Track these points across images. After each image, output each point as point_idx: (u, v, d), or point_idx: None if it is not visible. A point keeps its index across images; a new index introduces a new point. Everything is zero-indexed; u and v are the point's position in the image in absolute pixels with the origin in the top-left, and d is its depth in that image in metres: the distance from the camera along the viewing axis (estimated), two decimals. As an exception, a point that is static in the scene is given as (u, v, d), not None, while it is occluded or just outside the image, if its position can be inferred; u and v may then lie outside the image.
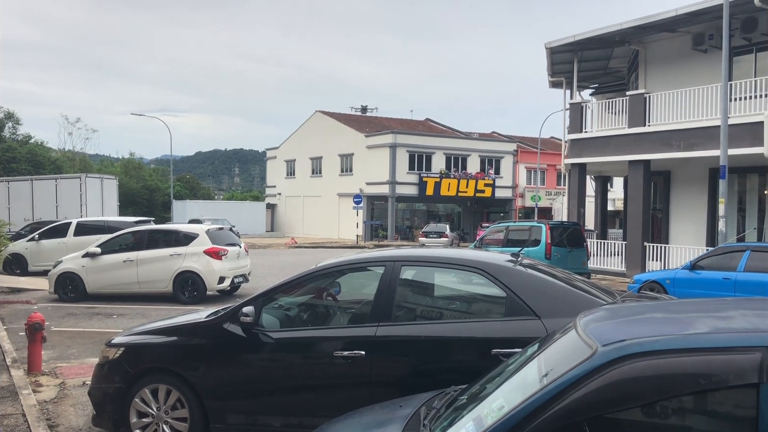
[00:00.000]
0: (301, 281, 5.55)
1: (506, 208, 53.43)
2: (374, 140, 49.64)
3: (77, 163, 60.15)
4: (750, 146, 16.25)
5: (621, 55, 23.61)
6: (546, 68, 24.03)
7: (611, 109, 21.19)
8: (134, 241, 15.51)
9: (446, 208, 54.60)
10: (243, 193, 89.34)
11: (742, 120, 16.57)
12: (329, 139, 54.30)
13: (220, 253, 15.04)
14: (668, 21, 18.53)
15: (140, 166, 68.73)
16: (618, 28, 19.70)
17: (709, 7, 16.95)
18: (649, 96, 19.31)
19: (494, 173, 52.13)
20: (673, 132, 18.35)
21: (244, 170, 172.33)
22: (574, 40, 20.95)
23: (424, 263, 5.63)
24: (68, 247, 18.78)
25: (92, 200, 31.90)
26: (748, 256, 12.22)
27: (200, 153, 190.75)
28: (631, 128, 19.57)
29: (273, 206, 62.59)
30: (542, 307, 4.82)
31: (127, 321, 12.26)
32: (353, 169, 51.91)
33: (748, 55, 18.49)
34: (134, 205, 55.41)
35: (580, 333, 2.86)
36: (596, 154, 20.94)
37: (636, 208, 19.62)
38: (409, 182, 48.24)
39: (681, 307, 3.26)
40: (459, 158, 51.07)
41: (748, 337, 2.49)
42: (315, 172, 57.25)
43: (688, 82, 18.91)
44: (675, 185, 21.01)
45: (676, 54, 20.36)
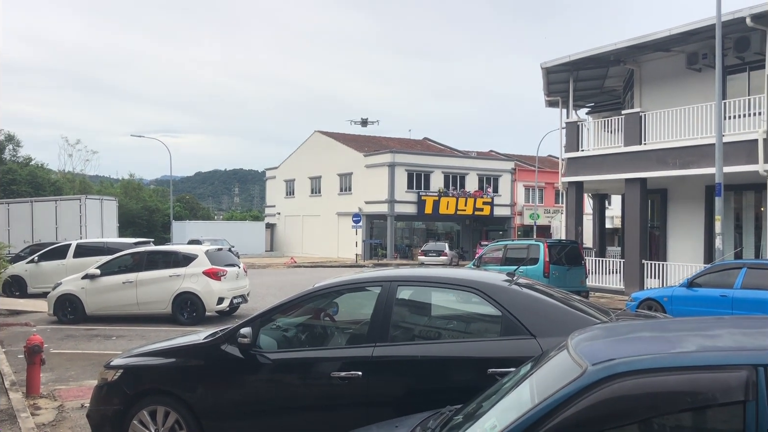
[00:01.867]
0: (298, 302, 5.60)
1: (505, 227, 53.51)
2: (373, 159, 49.83)
3: (77, 184, 60.25)
4: (745, 164, 16.37)
5: (616, 75, 23.83)
6: (542, 88, 24.22)
7: (607, 128, 21.34)
8: (134, 262, 15.55)
9: (445, 226, 54.67)
10: (242, 213, 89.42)
11: (736, 138, 16.70)
12: (328, 159, 54.50)
13: (219, 273, 15.08)
14: (662, 41, 18.73)
15: (140, 187, 68.89)
16: (613, 48, 19.91)
17: (702, 27, 17.15)
18: (644, 115, 19.46)
19: (492, 191, 52.28)
20: (668, 150, 18.47)
21: (243, 190, 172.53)
22: (570, 59, 21.15)
23: (420, 283, 5.68)
24: (68, 268, 18.80)
25: (92, 222, 31.94)
26: (745, 273, 12.26)
27: (200, 173, 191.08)
28: (627, 147, 19.70)
29: (272, 226, 62.65)
30: (537, 327, 4.86)
31: (125, 342, 12.27)
32: (352, 189, 52.05)
33: (742, 73, 18.67)
34: (134, 226, 55.44)
35: (572, 352, 2.91)
36: (593, 172, 21.05)
37: (633, 226, 19.69)
38: (408, 201, 48.36)
39: (670, 326, 3.31)
40: (457, 177, 51.25)
41: (735, 355, 2.54)
42: (314, 191, 57.40)
43: (683, 100, 19.07)
44: (672, 203, 21.11)
45: (670, 73, 20.55)
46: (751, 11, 15.94)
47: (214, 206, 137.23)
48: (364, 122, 68.90)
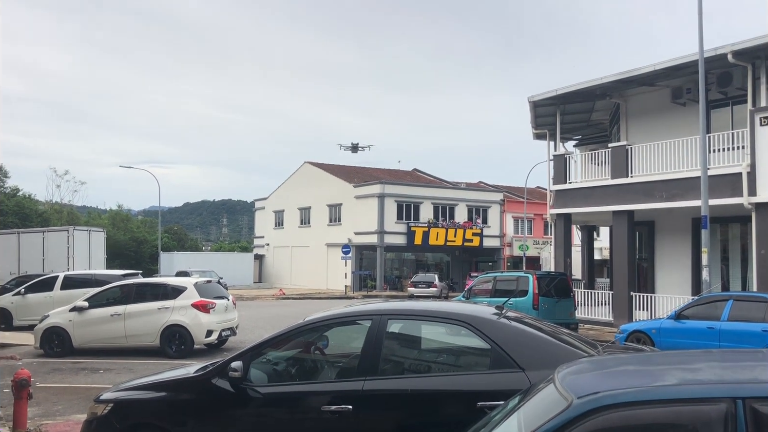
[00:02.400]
0: (288, 336, 5.64)
1: (494, 258, 53.66)
2: (362, 190, 50.04)
3: (65, 215, 59.95)
4: (730, 196, 16.61)
5: (603, 108, 24.20)
6: (530, 121, 24.54)
7: (594, 160, 21.61)
8: (122, 294, 15.48)
9: (435, 257, 54.76)
10: (231, 244, 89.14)
11: (721, 171, 16.96)
12: (318, 190, 54.67)
13: (208, 306, 15.03)
14: (647, 75, 19.09)
15: (128, 218, 68.67)
16: (599, 83, 20.25)
17: (685, 63, 17.51)
18: (630, 148, 19.74)
19: (482, 222, 52.54)
20: (655, 183, 18.71)
21: (232, 221, 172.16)
22: (556, 93, 21.48)
23: (410, 316, 5.74)
24: (55, 301, 18.68)
25: (79, 253, 31.79)
26: (731, 305, 12.38)
27: (188, 204, 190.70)
28: (614, 179, 19.94)
29: (261, 257, 62.48)
30: (526, 360, 4.92)
31: (113, 376, 12.17)
32: (342, 219, 52.15)
33: (725, 108, 19.03)
34: (122, 258, 55.12)
35: (558, 385, 2.97)
36: (581, 204, 21.26)
37: (621, 257, 19.84)
38: (398, 232, 48.49)
39: (655, 360, 3.39)
40: (447, 208, 51.51)
41: (715, 388, 2.62)
42: (303, 222, 57.43)
43: (669, 134, 19.38)
44: (659, 235, 21.31)
45: (656, 107, 20.91)
46: (732, 48, 16.32)
47: (202, 237, 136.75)
48: (354, 147, 68.60)
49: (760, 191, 16.00)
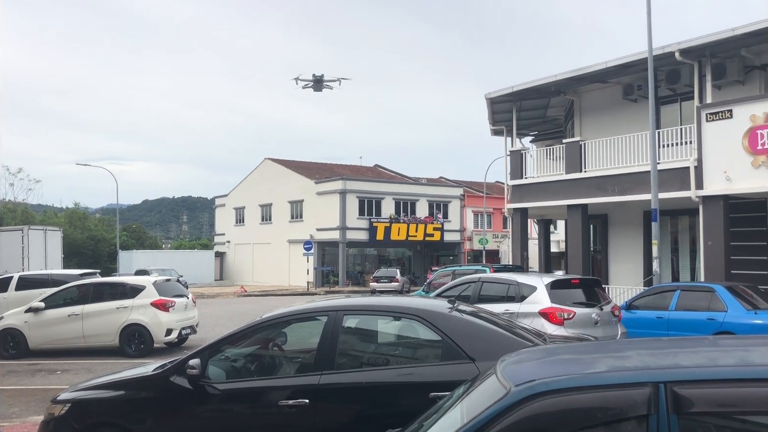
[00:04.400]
0: (246, 332, 5.75)
1: (455, 252, 54.24)
2: (324, 186, 50.04)
3: (19, 214, 58.54)
4: (679, 190, 17.16)
5: (558, 105, 24.70)
6: (487, 117, 24.91)
7: (550, 156, 22.06)
8: (79, 294, 15.31)
9: (397, 252, 55.08)
10: (191, 242, 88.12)
11: (670, 165, 17.51)
12: (279, 186, 54.46)
13: (168, 305, 14.98)
14: (599, 73, 19.56)
15: (85, 216, 67.35)
16: (553, 80, 20.67)
17: (635, 60, 18.00)
18: (584, 143, 20.22)
19: (443, 217, 53.03)
20: (608, 177, 19.21)
21: (192, 218, 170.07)
22: (512, 90, 21.85)
23: (365, 312, 5.91)
24: (9, 302, 18.34)
25: (35, 253, 31.19)
26: (679, 295, 12.86)
27: (147, 201, 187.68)
28: (568, 174, 20.40)
29: (222, 254, 62.00)
30: (476, 351, 5.13)
31: (71, 377, 12.07)
32: (303, 216, 52.07)
33: (674, 104, 19.63)
34: (79, 257, 54.11)
35: (499, 375, 3.16)
36: (537, 199, 21.70)
37: (576, 250, 20.32)
38: (360, 227, 48.64)
39: (589, 349, 3.61)
40: (408, 203, 51.84)
41: (640, 374, 2.83)
42: (265, 219, 57.17)
43: (621, 129, 19.90)
44: (612, 228, 21.89)
45: (608, 103, 21.44)
46: (679, 46, 16.84)
47: (162, 235, 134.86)
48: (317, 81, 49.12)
49: (707, 185, 16.58)
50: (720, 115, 16.36)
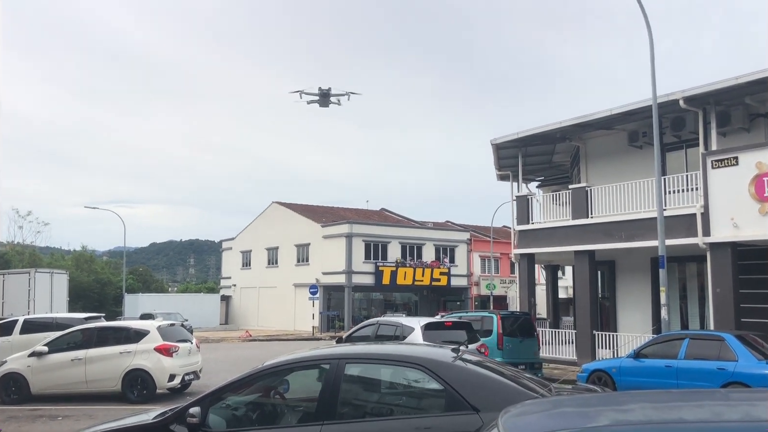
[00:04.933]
0: (248, 380, 5.69)
1: (462, 297, 53.90)
2: (330, 230, 50.12)
3: (26, 257, 58.78)
4: (686, 236, 17.10)
5: (563, 151, 24.83)
6: (493, 162, 25.03)
7: (556, 201, 22.09)
8: (83, 338, 15.24)
9: (403, 297, 54.78)
10: (197, 285, 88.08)
11: (677, 212, 17.48)
12: (285, 230, 54.59)
13: (171, 350, 14.87)
14: (604, 119, 19.71)
15: (92, 259, 67.56)
16: (558, 126, 20.84)
17: (640, 108, 18.16)
18: (590, 189, 20.25)
19: (449, 262, 52.86)
20: (614, 223, 19.18)
21: (199, 261, 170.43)
22: (518, 136, 22.02)
23: (367, 360, 5.85)
24: (13, 346, 18.25)
25: (41, 296, 31.20)
26: (688, 343, 12.69)
27: (155, 244, 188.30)
28: (575, 220, 20.39)
29: (228, 298, 61.82)
30: (480, 401, 5.05)
31: (72, 423, 11.93)
32: (309, 260, 52.03)
33: (679, 151, 19.71)
34: (85, 300, 54.11)
35: (500, 427, 3.11)
36: (543, 244, 21.64)
37: (584, 297, 20.17)
38: (366, 272, 48.51)
39: (593, 401, 3.56)
40: (415, 247, 51.78)
41: (642, 428, 2.78)
42: (271, 262, 57.14)
43: (627, 175, 19.94)
44: (620, 274, 21.75)
45: (613, 149, 21.55)
46: (683, 94, 17.00)
47: (168, 278, 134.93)
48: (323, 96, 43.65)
49: (714, 231, 16.52)
50: (726, 162, 16.40)
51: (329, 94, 43.49)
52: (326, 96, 43.52)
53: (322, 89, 43.06)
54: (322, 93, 43.17)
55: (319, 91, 43.09)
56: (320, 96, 43.38)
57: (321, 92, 43.13)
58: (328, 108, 44.76)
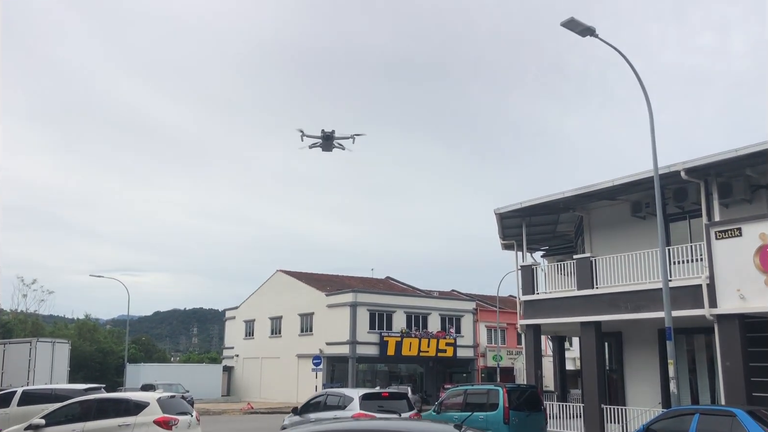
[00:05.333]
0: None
1: (468, 368, 52.98)
2: (335, 299, 49.81)
3: (29, 325, 58.38)
4: (692, 308, 16.92)
5: (567, 220, 24.91)
6: (497, 232, 25.09)
7: (561, 271, 22.00)
8: (81, 411, 14.94)
9: (408, 368, 53.88)
10: (200, 355, 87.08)
11: (682, 283, 17.37)
12: (289, 299, 54.29)
13: (171, 422, 14.56)
14: (607, 190, 19.84)
15: (95, 328, 67.06)
16: (561, 196, 20.97)
17: (642, 179, 18.29)
18: (595, 259, 20.19)
19: (455, 332, 52.21)
20: (620, 294, 19.04)
21: (202, 330, 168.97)
22: (521, 206, 22.14)
23: None
24: (11, 418, 17.96)
25: (41, 366, 30.88)
26: (698, 419, 12.37)
27: (158, 313, 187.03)
28: (580, 290, 20.25)
29: (230, 369, 60.94)
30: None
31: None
32: (313, 329, 51.51)
33: (683, 221, 19.74)
34: (86, 369, 53.43)
35: None
36: (549, 315, 21.44)
37: (591, 369, 19.83)
38: (370, 342, 47.90)
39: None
40: (420, 317, 51.28)
41: None
42: (274, 332, 56.59)
43: (631, 246, 19.92)
44: (627, 346, 21.44)
45: (617, 220, 21.61)
46: (684, 165, 17.16)
47: (171, 347, 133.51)
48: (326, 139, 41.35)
49: (721, 303, 16.37)
50: (729, 233, 16.40)
51: (332, 137, 40.99)
52: (329, 139, 41.11)
53: (325, 131, 40.71)
54: (325, 135, 40.76)
55: (322, 134, 40.70)
56: (323, 139, 41.10)
57: (324, 134, 40.73)
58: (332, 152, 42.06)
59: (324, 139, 40.79)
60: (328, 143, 41.14)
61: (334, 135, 40.91)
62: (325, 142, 41.06)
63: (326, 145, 41.31)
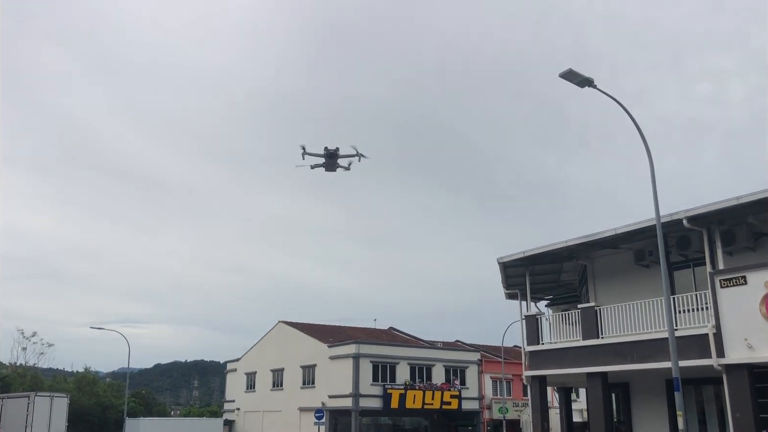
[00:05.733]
0: None
1: (474, 421, 51.91)
2: (337, 350, 49.19)
3: (28, 379, 57.70)
4: (699, 358, 16.68)
5: (571, 269, 24.77)
6: (501, 281, 24.93)
7: (566, 321, 21.76)
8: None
9: (412, 421, 52.80)
10: (201, 408, 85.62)
11: (688, 332, 17.16)
12: (291, 350, 53.65)
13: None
14: (609, 239, 19.78)
15: (94, 381, 66.23)
16: (564, 245, 20.90)
17: (644, 227, 18.24)
18: (599, 309, 20.00)
19: (460, 384, 51.35)
20: (626, 344, 18.79)
21: (203, 383, 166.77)
22: (525, 255, 22.05)
23: None
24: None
25: (39, 420, 30.41)
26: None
27: (159, 365, 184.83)
28: (585, 340, 20.00)
29: (231, 423, 59.81)
30: None
31: None
32: (315, 381, 50.74)
33: (687, 269, 19.59)
34: (85, 424, 52.56)
35: None
36: (554, 366, 21.12)
37: (598, 422, 19.42)
38: (373, 394, 47.09)
39: None
40: (424, 368, 50.52)
41: None
42: (276, 384, 55.75)
43: (635, 295, 19.74)
44: (635, 397, 21.05)
45: (621, 268, 21.47)
46: (686, 213, 17.15)
47: (171, 400, 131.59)
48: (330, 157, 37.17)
49: (729, 353, 16.13)
50: (734, 281, 16.28)
51: (336, 155, 36.77)
52: (333, 157, 36.82)
53: (329, 149, 36.64)
54: (328, 153, 36.64)
55: (325, 151, 36.59)
56: (326, 157, 36.86)
57: (327, 152, 36.64)
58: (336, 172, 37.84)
59: (327, 158, 36.96)
60: (331, 162, 37.31)
61: (338, 153, 37.04)
62: (329, 161, 37.24)
63: (330, 165, 37.41)
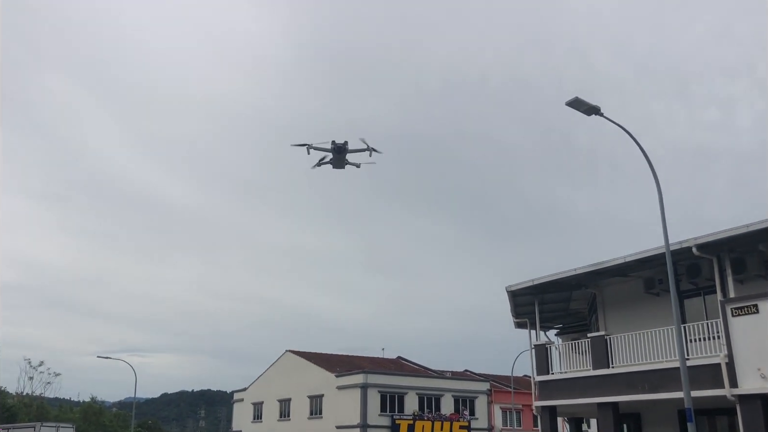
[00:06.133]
0: None
1: (483, 453, 51.20)
2: (345, 380, 48.80)
3: (34, 409, 57.42)
4: (712, 387, 16.40)
5: (580, 298, 24.55)
6: (509, 310, 24.73)
7: (576, 350, 21.50)
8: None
9: (421, 452, 52.11)
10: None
11: (701, 362, 16.90)
12: (299, 380, 53.24)
13: None
14: (618, 267, 19.61)
15: (101, 411, 65.90)
16: (573, 273, 20.73)
17: (654, 255, 18.09)
18: (609, 338, 19.76)
19: (469, 414, 50.76)
20: (637, 374, 18.51)
21: (210, 412, 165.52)
22: (533, 284, 21.89)
23: None
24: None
25: (44, 451, 30.12)
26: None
27: (166, 395, 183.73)
28: (595, 370, 19.73)
29: (238, 453, 59.28)
30: None
31: None
32: (323, 412, 50.26)
33: (697, 298, 19.37)
34: (90, 454, 52.10)
35: None
36: (565, 396, 20.83)
37: (610, 453, 19.07)
38: (382, 425, 46.58)
39: None
40: (432, 398, 50.01)
41: None
42: (283, 415, 55.22)
43: (646, 323, 19.50)
44: (646, 427, 20.70)
45: (630, 297, 21.25)
46: (696, 241, 17.00)
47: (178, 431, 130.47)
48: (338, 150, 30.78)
49: (742, 383, 15.86)
50: (746, 309, 16.08)
51: (345, 149, 31.27)
52: (341, 152, 31.32)
53: (337, 143, 31.21)
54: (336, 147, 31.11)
55: (333, 146, 31.08)
56: (333, 152, 31.35)
57: (335, 146, 31.11)
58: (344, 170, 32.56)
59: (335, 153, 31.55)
60: (339, 158, 31.94)
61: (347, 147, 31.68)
62: (337, 157, 31.85)
63: (338, 161, 32.12)
